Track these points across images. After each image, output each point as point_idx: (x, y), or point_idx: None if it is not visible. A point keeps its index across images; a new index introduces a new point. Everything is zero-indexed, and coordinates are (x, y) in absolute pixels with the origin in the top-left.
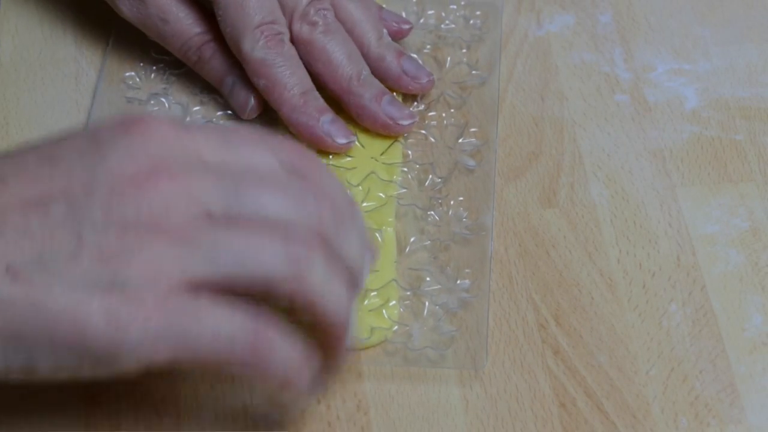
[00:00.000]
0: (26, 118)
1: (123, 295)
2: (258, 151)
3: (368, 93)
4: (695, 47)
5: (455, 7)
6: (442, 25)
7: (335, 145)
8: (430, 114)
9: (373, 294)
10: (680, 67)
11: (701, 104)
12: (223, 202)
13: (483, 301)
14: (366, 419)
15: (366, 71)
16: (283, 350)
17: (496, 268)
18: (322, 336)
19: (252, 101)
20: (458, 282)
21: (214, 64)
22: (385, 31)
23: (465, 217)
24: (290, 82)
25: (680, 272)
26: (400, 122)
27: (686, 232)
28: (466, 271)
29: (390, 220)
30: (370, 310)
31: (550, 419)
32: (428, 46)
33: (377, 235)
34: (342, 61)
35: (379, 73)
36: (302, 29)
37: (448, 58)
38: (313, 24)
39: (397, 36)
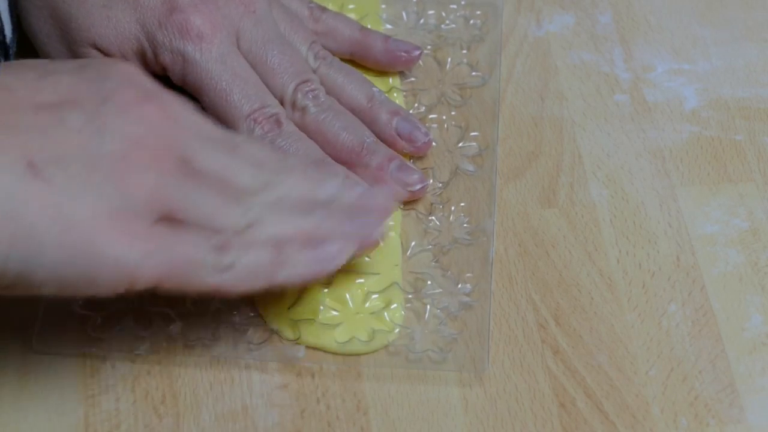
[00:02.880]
0: None
1: (130, 216)
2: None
3: (375, 161)
4: (695, 47)
5: (455, 6)
6: (443, 26)
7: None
8: (431, 116)
9: (374, 297)
10: (680, 67)
11: (701, 104)
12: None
13: (485, 305)
14: (366, 419)
15: (369, 138)
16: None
17: (495, 269)
18: None
19: None
20: (459, 286)
21: None
22: (376, 89)
23: (466, 223)
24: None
25: (680, 272)
26: (410, 189)
27: (686, 232)
28: (468, 275)
29: (392, 224)
30: (371, 313)
31: (550, 419)
32: (429, 47)
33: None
34: (339, 134)
35: None
36: (294, 117)
37: (449, 59)
38: (303, 109)
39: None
